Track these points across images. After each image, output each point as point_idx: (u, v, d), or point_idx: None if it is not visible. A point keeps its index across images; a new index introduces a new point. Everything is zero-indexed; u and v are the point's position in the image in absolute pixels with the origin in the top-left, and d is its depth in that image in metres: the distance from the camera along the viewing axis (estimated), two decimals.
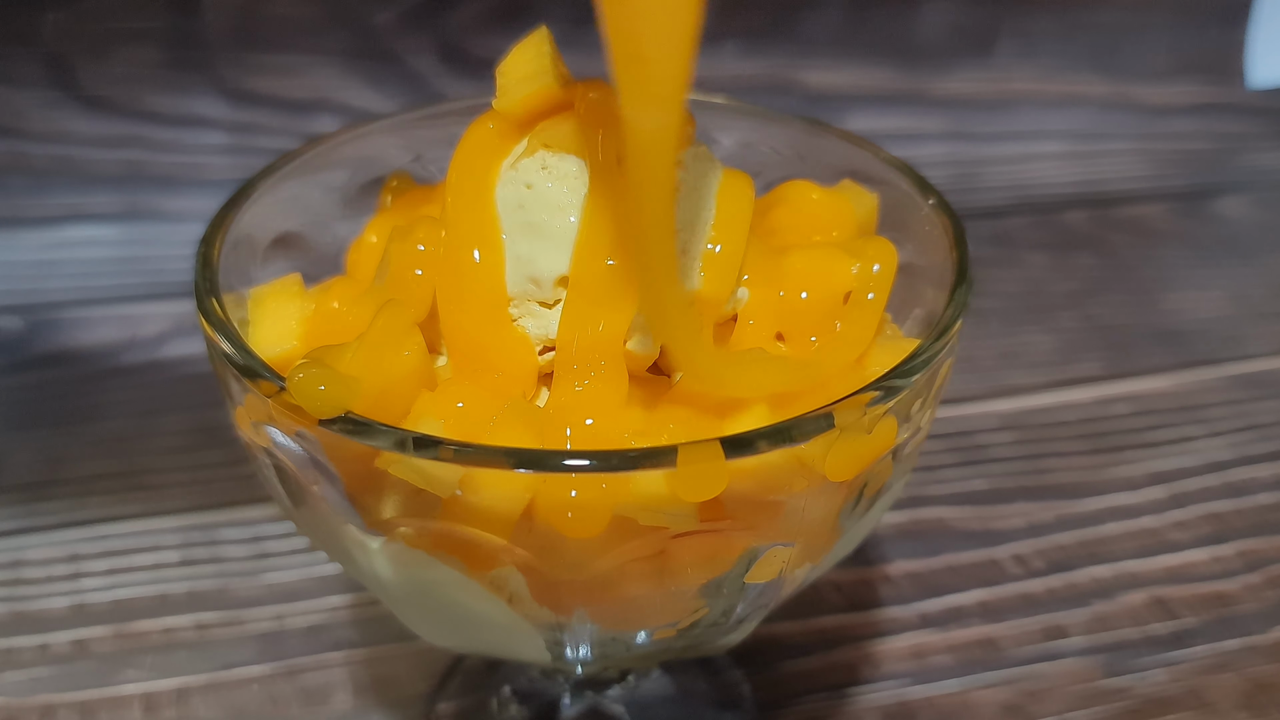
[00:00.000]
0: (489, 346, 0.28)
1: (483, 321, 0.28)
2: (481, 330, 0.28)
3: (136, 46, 0.65)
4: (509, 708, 0.41)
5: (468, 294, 0.28)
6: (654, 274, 0.25)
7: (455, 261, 0.28)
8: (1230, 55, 0.84)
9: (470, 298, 0.28)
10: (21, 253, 0.65)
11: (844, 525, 0.28)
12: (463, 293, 0.28)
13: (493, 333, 0.28)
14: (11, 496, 0.49)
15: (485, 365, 0.28)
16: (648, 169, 0.24)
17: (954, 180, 0.76)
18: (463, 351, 0.28)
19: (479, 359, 0.28)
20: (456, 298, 0.28)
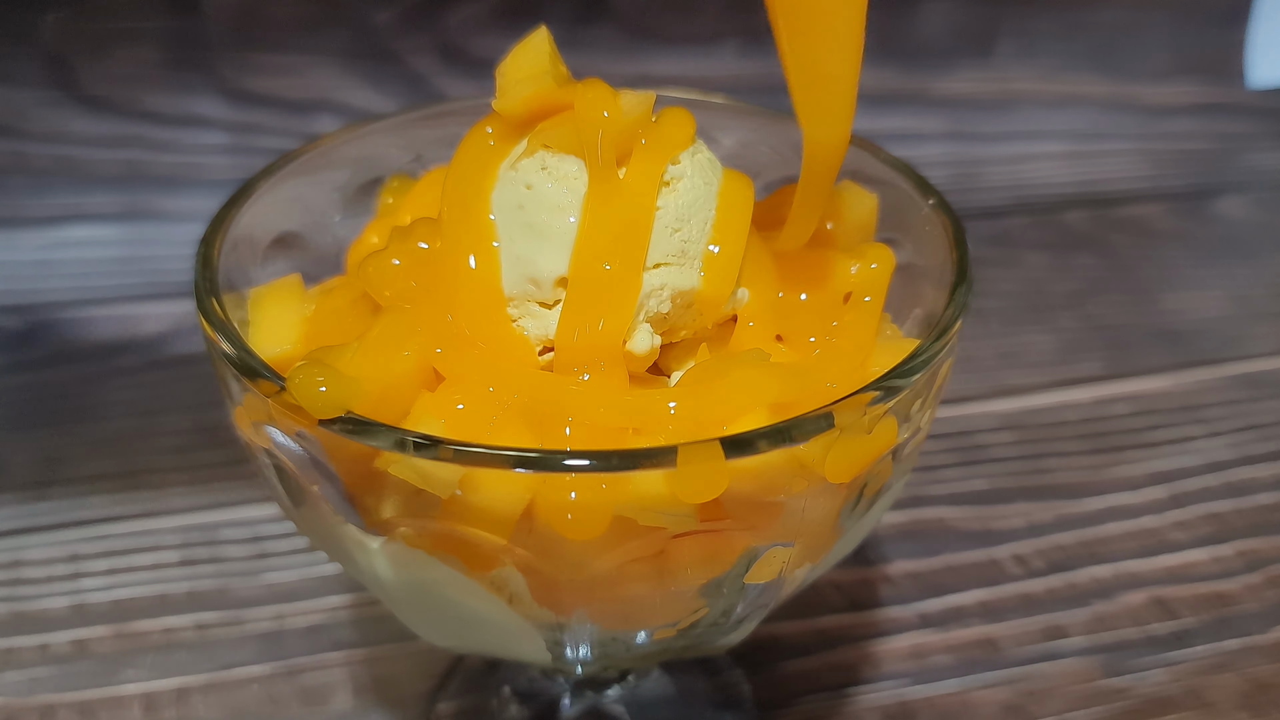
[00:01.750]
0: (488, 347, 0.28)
1: (481, 322, 0.28)
2: (480, 331, 0.28)
3: (136, 46, 0.65)
4: (509, 708, 0.41)
5: (465, 295, 0.28)
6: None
7: (452, 263, 0.28)
8: (1230, 55, 0.84)
9: (468, 299, 0.28)
10: (21, 253, 0.65)
11: (844, 525, 0.28)
12: (460, 294, 0.28)
13: (491, 333, 0.28)
14: (11, 496, 0.49)
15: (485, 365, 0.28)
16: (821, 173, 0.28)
17: (954, 180, 0.76)
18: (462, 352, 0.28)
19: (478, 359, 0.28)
20: (454, 299, 0.28)
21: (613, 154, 0.27)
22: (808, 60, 0.27)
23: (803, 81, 0.27)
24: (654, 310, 0.28)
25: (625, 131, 0.27)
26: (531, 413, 0.26)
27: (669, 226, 0.28)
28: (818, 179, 0.28)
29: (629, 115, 0.27)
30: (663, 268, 0.28)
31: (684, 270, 0.28)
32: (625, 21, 0.71)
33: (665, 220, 0.27)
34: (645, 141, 0.28)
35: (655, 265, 0.27)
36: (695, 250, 0.28)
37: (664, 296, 0.28)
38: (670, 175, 0.28)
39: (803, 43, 0.27)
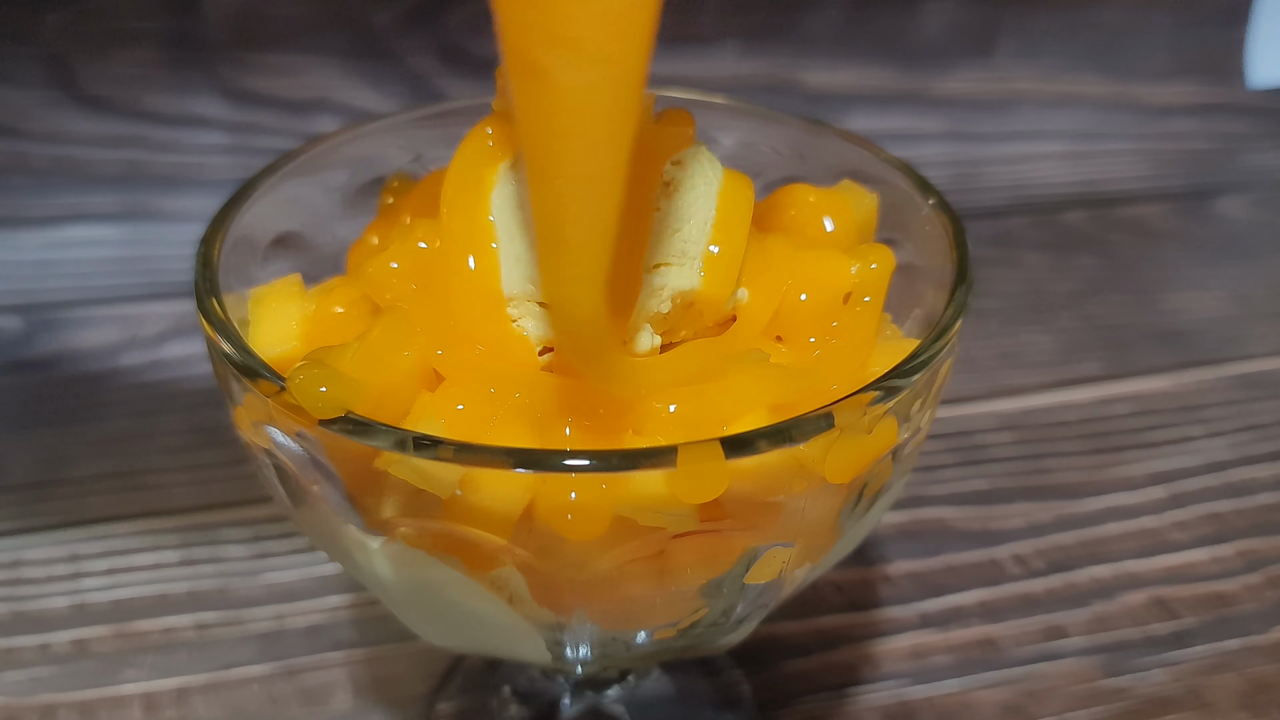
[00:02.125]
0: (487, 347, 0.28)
1: (481, 322, 0.28)
2: (480, 331, 0.28)
3: (136, 46, 0.65)
4: (509, 708, 0.41)
5: (465, 295, 0.28)
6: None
7: (451, 264, 0.28)
8: (1230, 55, 0.84)
9: (468, 299, 0.28)
10: (21, 253, 0.65)
11: (844, 525, 0.28)
12: (460, 294, 0.28)
13: (491, 333, 0.28)
14: (11, 496, 0.49)
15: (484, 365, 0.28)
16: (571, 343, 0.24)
17: (954, 180, 0.76)
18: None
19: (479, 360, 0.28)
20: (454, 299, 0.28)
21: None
22: (549, 220, 0.23)
23: (544, 241, 0.23)
24: (654, 310, 0.28)
25: None
26: (531, 413, 0.26)
27: (669, 227, 0.28)
28: (569, 349, 0.24)
29: None
30: (663, 268, 0.28)
31: (684, 270, 0.28)
32: None
33: (665, 221, 0.27)
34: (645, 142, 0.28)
35: (655, 265, 0.27)
36: (695, 250, 0.28)
37: (664, 297, 0.28)
38: (670, 175, 0.28)
39: (545, 198, 0.22)
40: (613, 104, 0.21)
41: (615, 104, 0.22)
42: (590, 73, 0.21)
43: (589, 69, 0.21)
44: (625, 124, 0.22)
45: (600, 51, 0.21)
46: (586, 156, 0.22)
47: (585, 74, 0.21)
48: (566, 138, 0.22)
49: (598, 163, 0.22)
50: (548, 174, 0.22)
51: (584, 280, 0.23)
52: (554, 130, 0.22)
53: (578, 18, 0.20)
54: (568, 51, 0.21)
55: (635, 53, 0.21)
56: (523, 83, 0.21)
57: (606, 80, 0.21)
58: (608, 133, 0.22)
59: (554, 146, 0.22)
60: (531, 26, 0.21)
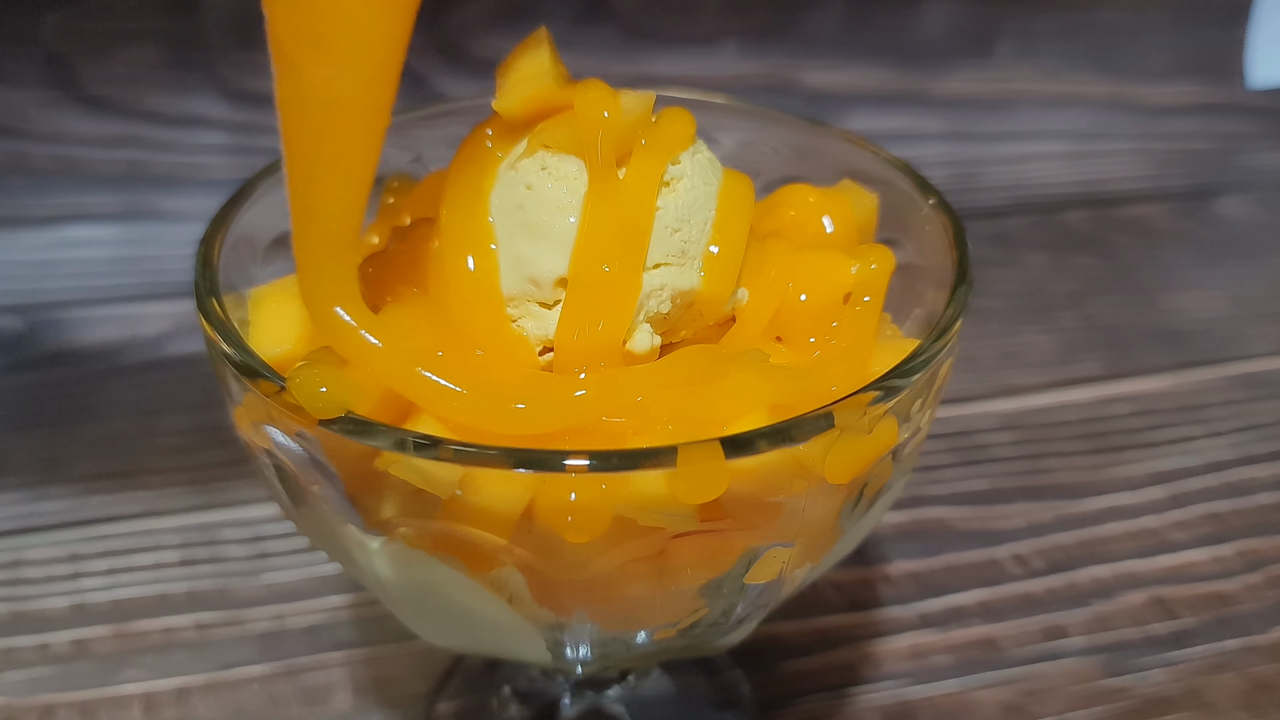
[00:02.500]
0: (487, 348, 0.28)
1: (481, 323, 0.28)
2: (480, 332, 0.28)
3: (136, 46, 0.65)
4: (509, 708, 0.41)
5: (465, 296, 0.28)
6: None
7: (451, 264, 0.28)
8: (1230, 55, 0.84)
9: (467, 299, 0.28)
10: (21, 253, 0.65)
11: (844, 525, 0.28)
12: (459, 295, 0.28)
13: (491, 334, 0.28)
14: (11, 496, 0.49)
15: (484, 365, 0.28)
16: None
17: (954, 180, 0.76)
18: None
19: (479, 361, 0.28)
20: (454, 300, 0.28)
21: (613, 154, 0.27)
22: (294, 196, 0.25)
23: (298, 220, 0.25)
24: (654, 310, 0.28)
25: (625, 132, 0.27)
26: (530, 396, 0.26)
27: (669, 226, 0.28)
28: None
29: (629, 115, 0.27)
30: (663, 268, 0.28)
31: (684, 270, 0.28)
32: (625, 21, 0.71)
33: (665, 220, 0.27)
34: (645, 142, 0.28)
35: (655, 265, 0.27)
36: (695, 250, 0.28)
37: (664, 296, 0.28)
38: (670, 175, 0.28)
39: (293, 177, 0.24)
40: (357, 98, 0.24)
41: (359, 98, 0.24)
42: (336, 68, 0.23)
43: (335, 64, 0.23)
44: (370, 118, 0.24)
45: (348, 50, 0.23)
46: (330, 143, 0.24)
47: (331, 69, 0.23)
48: (313, 125, 0.24)
49: (340, 149, 0.24)
50: (294, 155, 0.24)
51: (324, 255, 0.25)
52: (302, 117, 0.24)
53: (328, 18, 0.23)
54: (316, 49, 0.23)
55: (381, 53, 0.24)
56: (279, 72, 0.24)
57: (353, 76, 0.23)
58: (351, 123, 0.24)
59: (302, 132, 0.24)
60: (288, 23, 0.23)
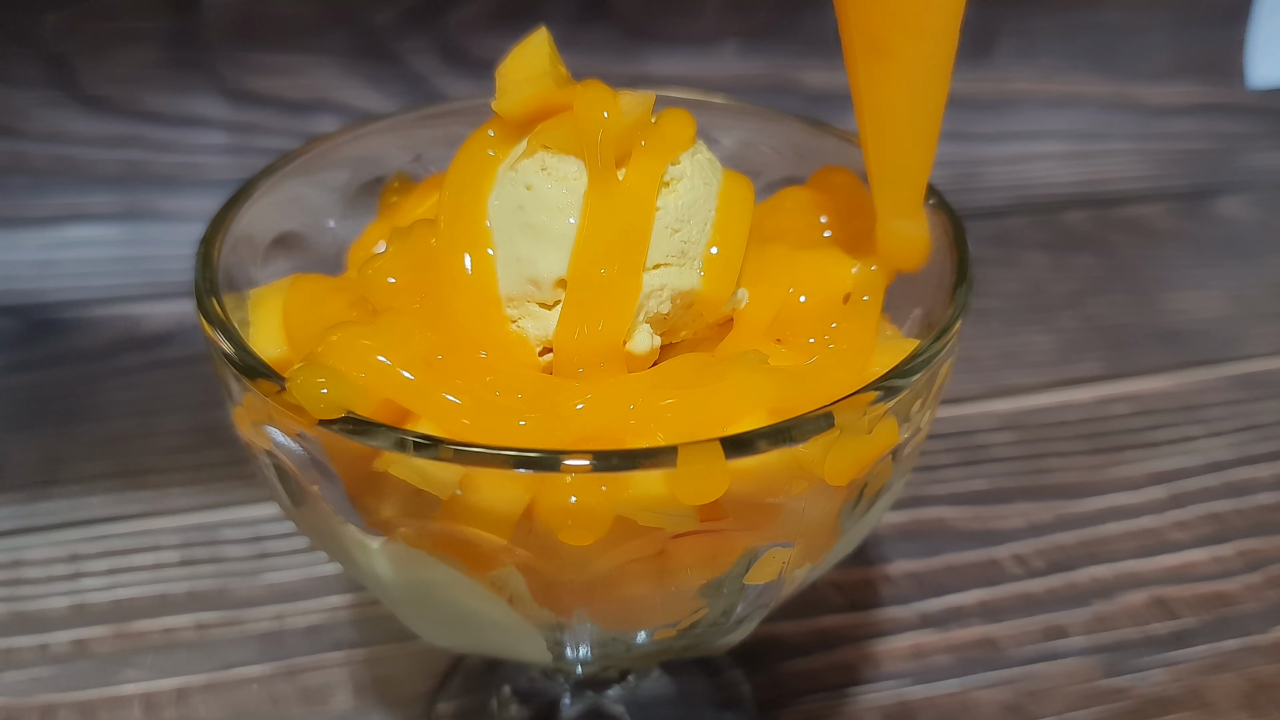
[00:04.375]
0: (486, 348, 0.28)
1: (479, 324, 0.28)
2: (479, 333, 0.28)
3: (136, 46, 0.65)
4: (509, 708, 0.41)
5: (464, 296, 0.28)
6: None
7: (450, 265, 0.28)
8: (1230, 55, 0.84)
9: (466, 300, 0.28)
10: (21, 253, 0.65)
11: (844, 525, 0.28)
12: (458, 295, 0.28)
13: (490, 335, 0.28)
14: (11, 496, 0.49)
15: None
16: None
17: (954, 180, 0.76)
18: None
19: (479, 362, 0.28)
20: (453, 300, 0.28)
21: (612, 155, 0.27)
22: (889, 157, 0.29)
23: (882, 178, 0.29)
24: (654, 311, 0.28)
25: (625, 132, 0.27)
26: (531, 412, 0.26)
27: (669, 227, 0.28)
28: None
29: (629, 116, 0.27)
30: (663, 268, 0.28)
31: (684, 271, 0.28)
32: (625, 21, 0.71)
33: (665, 221, 0.27)
34: (645, 142, 0.28)
35: (655, 266, 0.27)
36: (695, 251, 0.28)
37: (664, 297, 0.28)
38: (670, 176, 0.28)
39: (885, 140, 0.29)
40: (941, 71, 0.28)
41: (943, 71, 0.28)
42: (927, 48, 0.27)
43: (926, 46, 0.27)
44: (946, 85, 0.28)
45: (935, 32, 0.27)
46: (921, 113, 0.29)
47: (922, 51, 0.27)
48: (907, 99, 0.28)
49: (928, 118, 0.29)
50: (892, 126, 0.29)
51: (917, 206, 0.30)
52: (898, 93, 0.28)
53: (921, 9, 0.27)
54: (912, 35, 0.27)
55: (955, 29, 0.27)
56: (874, 60, 0.28)
57: (938, 54, 0.28)
58: (938, 93, 0.28)
59: (898, 106, 0.28)
60: (887, 17, 0.27)
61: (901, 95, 0.28)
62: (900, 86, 0.28)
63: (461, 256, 0.28)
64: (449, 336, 0.28)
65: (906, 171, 0.29)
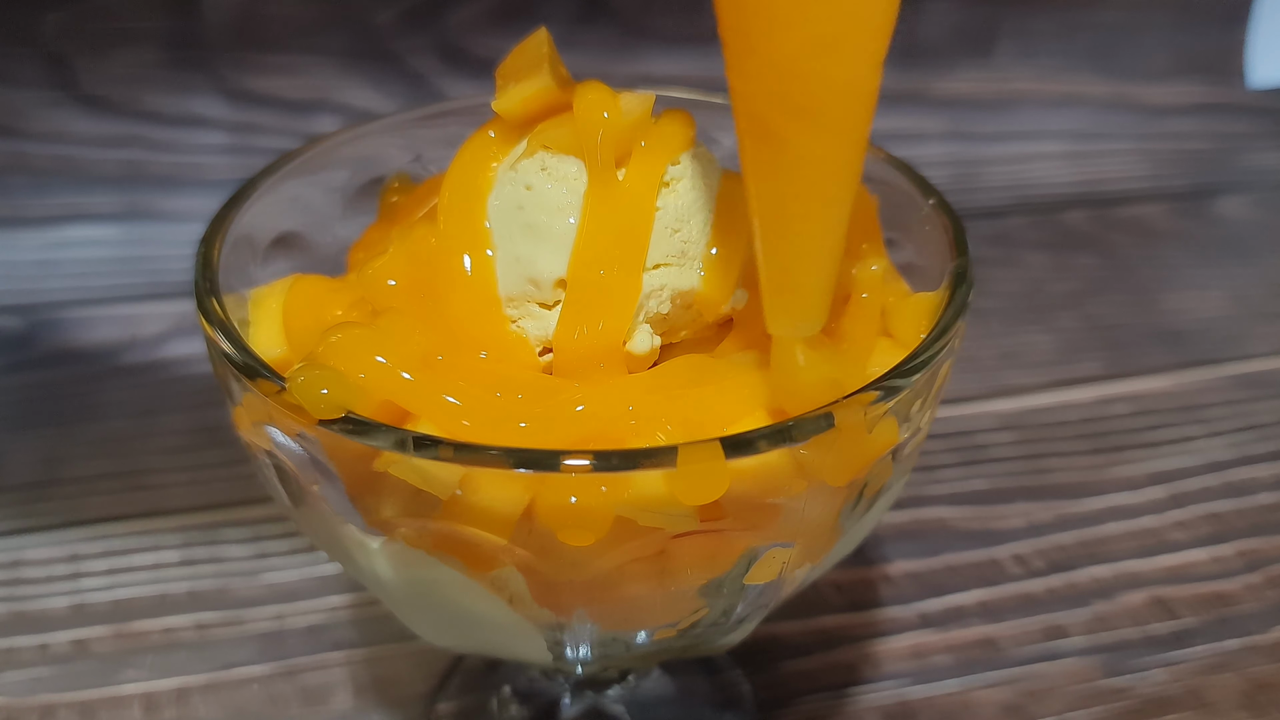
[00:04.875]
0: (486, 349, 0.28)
1: (479, 324, 0.28)
2: (478, 333, 0.28)
3: (136, 46, 0.65)
4: (509, 708, 0.41)
5: (463, 297, 0.28)
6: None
7: (449, 265, 0.28)
8: (1230, 55, 0.84)
9: (464, 302, 0.28)
10: (21, 253, 0.65)
11: (844, 525, 0.28)
12: (458, 296, 0.28)
13: (490, 335, 0.28)
14: (11, 496, 0.49)
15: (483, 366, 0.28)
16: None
17: (954, 180, 0.76)
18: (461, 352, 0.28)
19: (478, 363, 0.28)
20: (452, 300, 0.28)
21: (612, 155, 0.27)
22: (778, 261, 0.25)
23: (771, 282, 0.25)
24: (654, 311, 0.28)
25: (625, 132, 0.27)
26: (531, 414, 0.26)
27: (669, 227, 0.28)
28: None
29: (628, 116, 0.27)
30: (662, 268, 0.28)
31: (684, 271, 0.28)
32: (625, 21, 0.71)
33: (665, 221, 0.27)
34: (645, 142, 0.28)
35: (655, 266, 0.27)
36: (695, 251, 0.28)
37: (664, 297, 0.28)
38: (670, 176, 0.28)
39: (771, 239, 0.25)
40: (842, 164, 0.24)
41: (844, 164, 0.24)
42: (825, 139, 0.23)
43: (824, 136, 0.23)
44: (852, 181, 0.24)
45: (834, 120, 0.23)
46: (817, 211, 0.24)
47: (821, 140, 0.23)
48: (801, 196, 0.24)
49: (826, 216, 0.24)
50: (782, 227, 0.24)
51: (810, 315, 0.25)
52: (791, 189, 0.24)
53: (815, 90, 0.23)
54: (805, 121, 0.23)
55: (863, 118, 0.24)
56: (762, 148, 0.24)
57: (838, 144, 0.24)
58: (837, 189, 0.24)
59: (789, 204, 0.24)
60: (775, 98, 0.23)
61: (794, 192, 0.24)
62: (792, 181, 0.24)
63: (461, 257, 0.28)
64: (449, 337, 0.28)
65: (798, 282, 0.25)
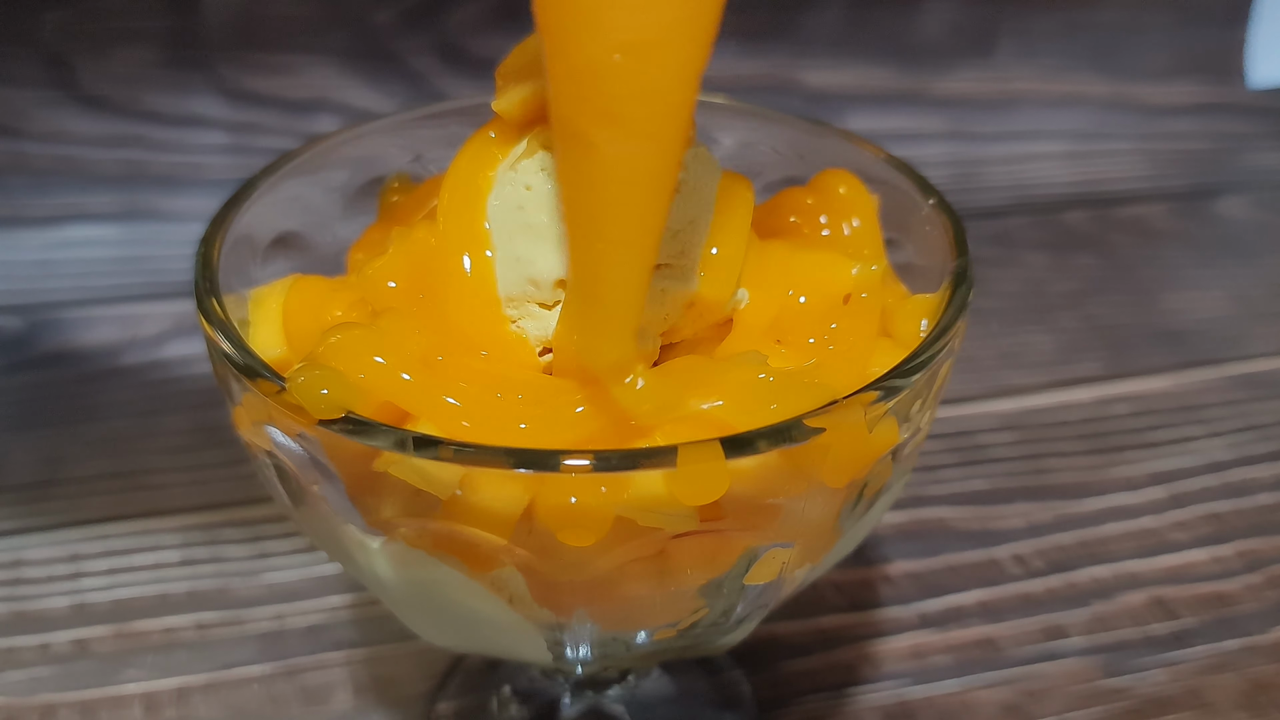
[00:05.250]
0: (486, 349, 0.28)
1: (479, 324, 0.28)
2: (478, 334, 0.28)
3: (136, 46, 0.65)
4: (509, 708, 0.41)
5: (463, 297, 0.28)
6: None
7: (449, 265, 0.28)
8: (1230, 55, 0.84)
9: (464, 302, 0.28)
10: (21, 253, 0.65)
11: (844, 526, 0.28)
12: (457, 296, 0.28)
13: (489, 336, 0.28)
14: (11, 496, 0.49)
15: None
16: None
17: (954, 180, 0.76)
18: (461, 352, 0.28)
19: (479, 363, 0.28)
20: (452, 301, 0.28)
21: None
22: (585, 279, 0.24)
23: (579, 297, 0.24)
24: (653, 311, 0.28)
25: None
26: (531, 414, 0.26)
27: (668, 228, 0.27)
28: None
29: None
30: (662, 269, 0.27)
31: (684, 271, 0.28)
32: None
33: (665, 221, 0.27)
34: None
35: (655, 266, 0.27)
36: (695, 252, 0.28)
37: (664, 298, 0.28)
38: None
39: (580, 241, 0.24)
40: (651, 174, 0.23)
41: (654, 174, 0.23)
42: (632, 146, 0.23)
43: (632, 142, 0.23)
44: (662, 192, 0.23)
45: (643, 127, 0.22)
46: (625, 222, 0.23)
47: (628, 147, 0.23)
48: (608, 204, 0.23)
49: (635, 228, 0.23)
50: (589, 237, 0.24)
51: (614, 336, 0.24)
52: (597, 197, 0.23)
53: (624, 96, 0.22)
54: (613, 127, 0.22)
55: (674, 127, 0.23)
56: (570, 152, 0.23)
57: (646, 153, 0.23)
58: (645, 200, 0.23)
59: (596, 212, 0.23)
60: (582, 102, 0.22)
61: (602, 199, 0.23)
62: (602, 186, 0.23)
63: (461, 257, 0.28)
64: (449, 337, 0.28)
65: (605, 293, 0.24)
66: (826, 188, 0.33)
